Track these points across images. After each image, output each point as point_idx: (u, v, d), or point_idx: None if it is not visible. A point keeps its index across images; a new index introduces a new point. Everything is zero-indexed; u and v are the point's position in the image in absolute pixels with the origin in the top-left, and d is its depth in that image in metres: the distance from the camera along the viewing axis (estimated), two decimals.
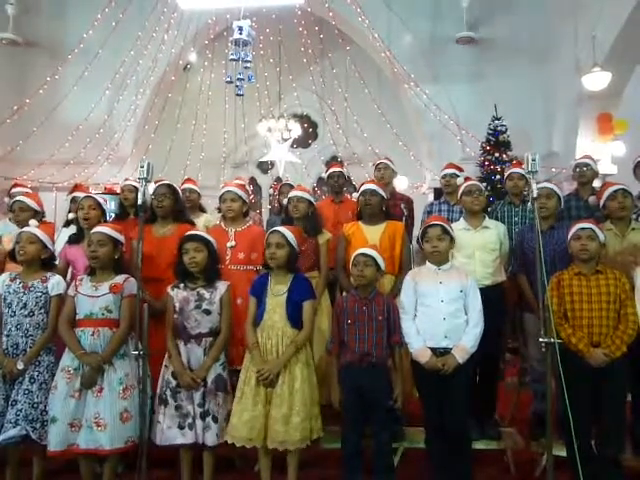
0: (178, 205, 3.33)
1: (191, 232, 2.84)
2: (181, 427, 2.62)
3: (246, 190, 3.55)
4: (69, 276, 3.18)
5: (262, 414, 2.58)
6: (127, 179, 4.35)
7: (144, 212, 2.57)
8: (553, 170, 7.38)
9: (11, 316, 2.70)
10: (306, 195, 3.36)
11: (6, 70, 8.55)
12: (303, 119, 10.40)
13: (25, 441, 2.63)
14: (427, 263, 2.77)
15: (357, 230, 3.22)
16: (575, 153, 6.93)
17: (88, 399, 2.56)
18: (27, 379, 2.66)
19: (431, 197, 7.84)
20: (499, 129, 7.52)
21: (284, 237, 2.71)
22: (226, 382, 2.72)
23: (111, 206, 5.12)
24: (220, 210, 3.46)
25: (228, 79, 6.24)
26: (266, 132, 9.02)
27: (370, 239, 3.11)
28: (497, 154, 7.40)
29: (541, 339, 2.34)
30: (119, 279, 2.71)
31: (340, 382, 2.66)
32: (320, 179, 9.85)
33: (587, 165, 3.88)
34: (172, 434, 2.62)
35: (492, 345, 2.97)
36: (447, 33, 8.37)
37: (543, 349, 2.34)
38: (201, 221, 3.92)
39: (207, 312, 2.70)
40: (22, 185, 4.57)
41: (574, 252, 2.73)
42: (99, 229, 2.76)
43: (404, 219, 3.93)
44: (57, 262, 3.05)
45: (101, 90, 8.22)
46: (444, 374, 2.53)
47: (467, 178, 3.75)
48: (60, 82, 8.24)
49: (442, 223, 2.73)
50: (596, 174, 3.94)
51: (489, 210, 3.86)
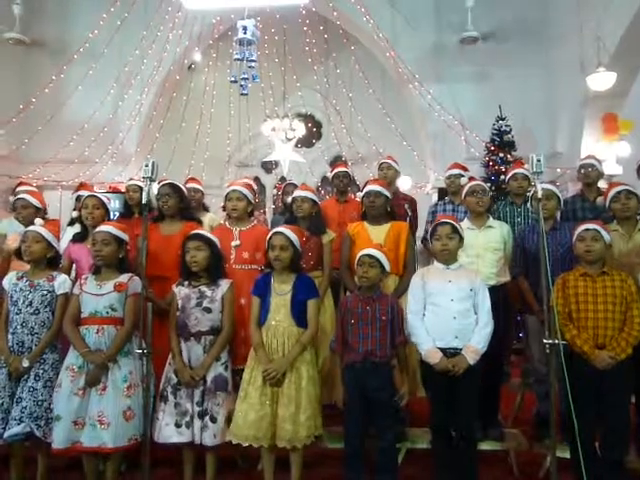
0: (184, 203, 3.34)
1: (194, 231, 2.84)
2: (178, 425, 2.61)
3: (252, 190, 3.54)
4: (73, 274, 3.20)
5: (269, 413, 2.58)
6: (132, 178, 4.37)
7: (149, 211, 2.57)
8: (558, 170, 7.34)
9: (17, 314, 2.72)
10: (310, 195, 3.36)
11: (12, 69, 8.56)
12: (307, 119, 10.39)
13: (29, 438, 2.64)
14: (435, 262, 2.74)
15: (362, 230, 3.22)
16: (580, 154, 6.88)
17: (92, 397, 2.57)
18: (32, 377, 2.67)
19: (435, 197, 7.81)
20: (503, 129, 7.50)
21: (288, 239, 2.71)
22: (226, 382, 2.70)
23: (115, 205, 5.13)
24: (225, 209, 3.46)
25: (232, 79, 6.26)
26: (270, 132, 9.01)
27: (375, 239, 3.10)
28: (501, 154, 7.38)
29: (545, 340, 2.33)
30: (123, 278, 2.71)
31: (343, 382, 2.65)
32: (324, 179, 9.84)
33: (592, 166, 3.85)
34: (168, 432, 2.61)
35: (496, 346, 2.96)
36: (452, 33, 8.33)
37: (547, 350, 2.33)
38: (205, 220, 3.92)
39: (208, 310, 2.70)
40: (27, 184, 4.59)
41: (579, 253, 2.72)
42: (103, 228, 2.77)
43: (407, 219, 3.92)
44: (61, 261, 3.06)
45: (106, 89, 8.23)
46: (454, 375, 2.51)
47: (471, 178, 3.75)
48: (65, 81, 8.26)
49: (452, 222, 2.71)
50: (601, 175, 3.91)
51: (491, 210, 3.86)
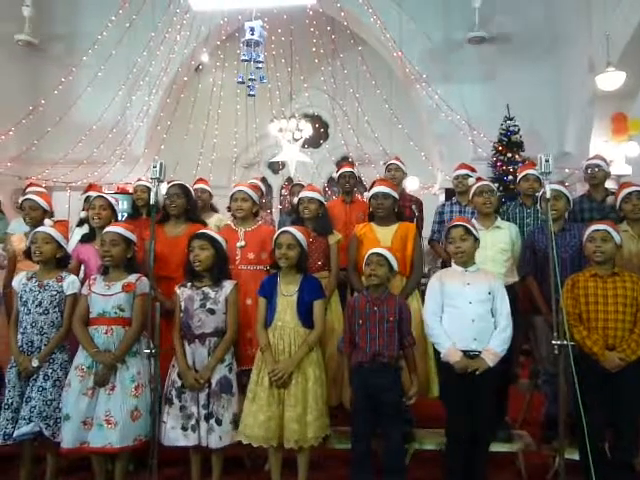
0: (190, 205, 3.35)
1: (199, 231, 2.83)
2: (184, 428, 2.61)
3: (258, 190, 3.54)
4: (81, 275, 3.22)
5: (277, 414, 2.58)
6: (140, 179, 4.39)
7: (157, 212, 2.58)
8: (566, 171, 7.30)
9: (27, 314, 2.74)
10: (317, 195, 3.35)
11: (22, 71, 8.65)
12: (314, 119, 10.40)
13: (39, 438, 2.66)
14: (453, 264, 2.73)
15: (369, 231, 3.20)
16: (589, 154, 6.81)
17: (100, 397, 2.58)
18: (41, 376, 2.68)
19: (442, 198, 7.79)
20: (511, 129, 7.47)
21: (295, 238, 2.70)
22: (231, 384, 2.69)
23: (123, 206, 5.15)
24: (230, 209, 3.47)
25: (240, 79, 6.28)
26: (277, 132, 9.03)
27: (382, 240, 3.09)
28: (509, 154, 7.35)
29: (554, 341, 2.32)
30: (132, 278, 2.72)
31: (351, 382, 2.65)
32: (331, 179, 9.85)
33: (598, 166, 3.79)
34: (175, 435, 2.62)
35: None
36: (459, 33, 8.32)
37: (556, 351, 2.32)
38: (213, 221, 3.92)
39: (211, 311, 2.68)
40: (37, 185, 4.62)
41: (589, 254, 2.70)
42: (111, 229, 2.78)
43: (414, 220, 3.91)
44: (70, 261, 3.08)
45: (114, 91, 8.29)
46: (473, 375, 2.49)
47: (479, 178, 3.73)
48: (74, 83, 8.33)
49: (464, 223, 2.69)
50: (608, 175, 3.86)
51: (501, 211, 3.83)
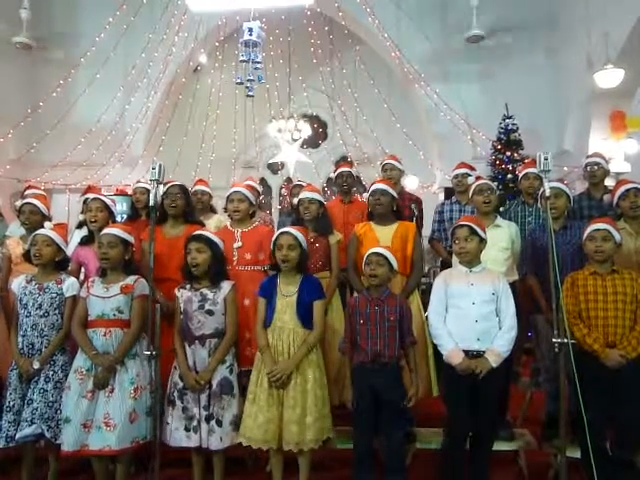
0: (189, 206, 3.35)
1: (196, 232, 2.82)
2: (187, 429, 2.62)
3: (255, 191, 3.54)
4: (81, 277, 3.22)
5: (276, 416, 2.58)
6: (139, 181, 4.38)
7: (156, 213, 2.58)
8: (565, 169, 7.30)
9: (27, 317, 2.74)
10: (317, 196, 3.34)
11: (20, 73, 8.64)
12: (313, 119, 10.40)
13: (40, 440, 2.66)
14: (458, 264, 2.72)
15: (369, 230, 3.20)
16: (587, 151, 6.78)
17: (100, 399, 2.58)
18: (42, 378, 2.69)
19: (441, 197, 7.80)
20: (510, 128, 7.47)
21: (295, 238, 2.70)
22: (232, 385, 2.69)
23: (123, 207, 5.16)
24: (227, 210, 3.46)
25: (238, 80, 6.27)
26: (276, 133, 9.04)
27: (382, 239, 3.09)
28: (508, 153, 7.35)
29: (554, 339, 2.32)
30: (130, 280, 2.71)
31: (353, 382, 2.65)
32: (330, 179, 9.85)
33: (597, 164, 3.81)
34: (179, 436, 2.63)
35: None
36: (457, 32, 8.31)
37: (556, 349, 2.32)
38: (212, 222, 3.91)
39: (210, 313, 2.68)
40: (36, 187, 4.62)
41: (589, 253, 2.70)
42: (109, 230, 2.77)
43: (414, 219, 3.91)
44: (69, 264, 3.08)
45: (113, 92, 8.28)
46: (476, 376, 2.49)
47: (478, 177, 3.73)
48: (72, 85, 8.33)
49: (470, 223, 2.66)
50: (607, 172, 3.87)
51: (502, 210, 3.84)
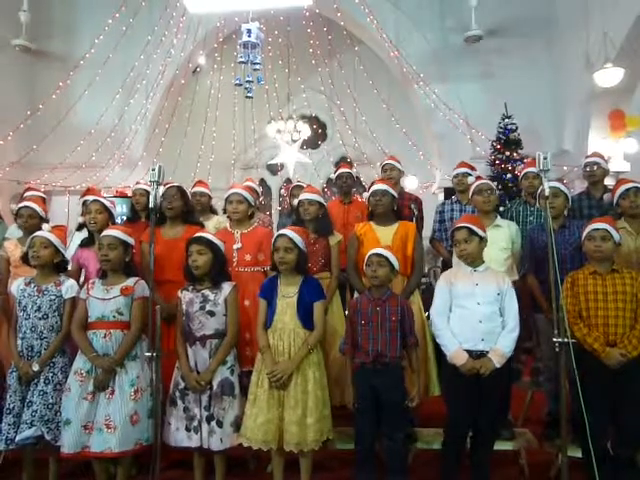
0: (187, 207, 3.34)
1: (197, 234, 2.83)
2: (188, 429, 2.63)
3: (254, 192, 3.54)
4: (82, 279, 3.21)
5: (276, 417, 2.58)
6: (138, 182, 4.38)
7: (156, 215, 2.58)
8: (565, 168, 7.30)
9: (26, 319, 2.73)
10: (316, 197, 3.33)
11: (19, 76, 8.65)
12: (312, 120, 10.41)
13: (40, 442, 2.65)
14: (462, 265, 2.71)
15: (369, 230, 3.19)
16: (587, 151, 6.82)
17: (100, 401, 2.58)
18: (42, 380, 2.69)
19: (441, 197, 7.80)
20: (509, 127, 7.46)
21: (292, 241, 2.70)
22: (233, 386, 2.69)
23: (122, 209, 5.16)
24: (226, 211, 3.46)
25: (237, 81, 6.27)
26: (275, 134, 9.04)
27: (382, 239, 3.08)
28: (508, 153, 7.34)
29: (555, 339, 2.32)
30: (130, 282, 2.72)
31: (354, 383, 2.65)
32: (329, 180, 9.85)
33: (597, 163, 3.81)
34: (180, 436, 2.64)
35: None
36: (455, 32, 8.31)
37: (557, 349, 2.32)
38: (212, 223, 3.91)
39: (211, 313, 2.69)
40: (35, 189, 4.62)
41: (588, 252, 2.70)
42: (109, 232, 2.77)
43: (414, 219, 3.91)
44: (69, 265, 3.07)
45: (112, 94, 8.29)
46: (479, 375, 2.48)
47: (479, 177, 3.73)
48: (72, 87, 8.33)
49: (467, 224, 2.66)
50: (606, 172, 3.87)
51: (504, 209, 3.84)
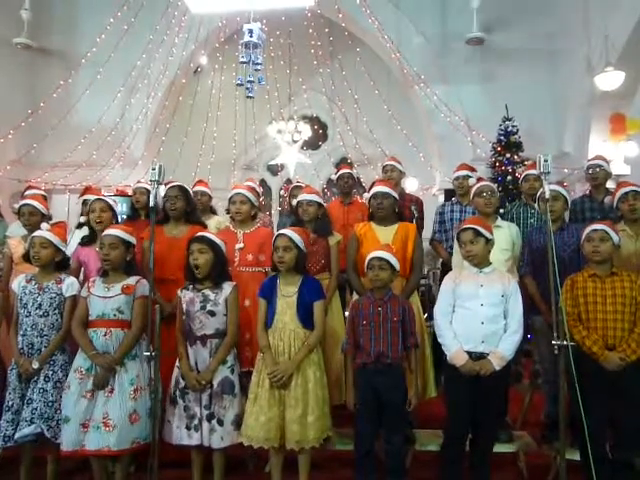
0: (190, 206, 3.35)
1: (198, 234, 2.84)
2: (188, 428, 2.64)
3: (256, 193, 3.54)
4: (82, 277, 3.22)
5: (277, 415, 2.58)
6: (139, 181, 4.39)
7: (156, 214, 2.58)
8: (565, 171, 7.31)
9: (26, 316, 2.74)
10: (315, 198, 3.34)
11: (20, 74, 8.66)
12: (313, 121, 10.41)
13: (40, 439, 2.66)
14: (468, 265, 2.69)
15: (369, 231, 3.19)
16: (587, 154, 6.83)
17: (99, 399, 2.58)
18: (42, 378, 2.69)
19: (441, 198, 7.80)
20: (510, 130, 7.47)
21: (291, 240, 2.71)
22: (233, 385, 2.69)
23: (122, 208, 5.16)
24: (229, 212, 3.46)
25: (238, 82, 6.27)
26: (276, 134, 9.05)
27: (382, 240, 3.08)
28: (508, 155, 7.35)
29: (554, 342, 2.32)
30: (131, 280, 2.72)
31: (355, 383, 2.65)
32: (330, 180, 9.86)
33: (599, 166, 3.82)
34: (180, 434, 2.65)
35: None
36: (457, 34, 8.32)
37: (556, 351, 2.32)
38: (212, 223, 3.92)
39: (212, 313, 2.69)
40: (36, 187, 4.63)
41: (587, 254, 2.70)
42: (111, 231, 2.78)
43: (414, 221, 3.91)
44: (70, 263, 3.08)
45: (113, 93, 8.30)
46: (479, 377, 2.48)
47: (480, 179, 3.73)
48: (73, 86, 8.34)
49: (474, 226, 2.63)
50: (609, 175, 3.88)
51: (504, 211, 3.84)
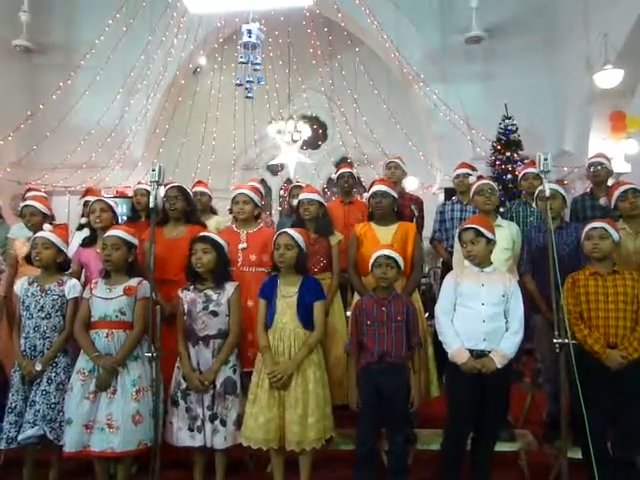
0: (190, 207, 3.35)
1: (201, 233, 2.84)
2: (191, 429, 2.63)
3: (259, 193, 3.55)
4: (83, 278, 3.22)
5: (277, 416, 2.58)
6: (139, 182, 4.39)
7: (156, 215, 2.59)
8: (565, 169, 7.31)
9: (29, 318, 2.74)
10: (316, 197, 3.33)
11: (20, 76, 8.66)
12: (312, 120, 10.41)
13: (42, 441, 2.66)
14: (469, 265, 2.70)
15: (369, 230, 3.19)
16: (587, 152, 6.83)
17: (102, 401, 2.58)
18: (45, 380, 2.69)
19: (441, 197, 7.80)
20: (510, 128, 7.48)
21: (292, 239, 2.71)
22: (235, 385, 2.70)
23: (123, 209, 5.15)
24: (232, 212, 3.47)
25: (238, 82, 6.28)
26: (276, 134, 9.04)
27: (382, 239, 3.08)
28: (508, 153, 7.35)
29: (555, 340, 2.32)
30: (133, 282, 2.72)
31: (358, 383, 2.65)
32: (330, 180, 9.85)
33: (601, 164, 3.81)
34: (183, 436, 2.64)
35: None
36: (456, 33, 8.33)
37: (557, 350, 2.32)
38: (212, 223, 3.92)
39: (214, 314, 2.69)
40: (36, 189, 4.63)
41: (587, 252, 2.71)
42: (113, 232, 2.78)
43: (414, 220, 3.91)
44: (71, 265, 3.08)
45: (112, 95, 8.30)
46: (481, 375, 2.48)
47: (480, 177, 3.73)
48: (72, 87, 8.34)
49: (475, 226, 2.63)
50: (610, 173, 3.87)
51: (504, 210, 3.84)
